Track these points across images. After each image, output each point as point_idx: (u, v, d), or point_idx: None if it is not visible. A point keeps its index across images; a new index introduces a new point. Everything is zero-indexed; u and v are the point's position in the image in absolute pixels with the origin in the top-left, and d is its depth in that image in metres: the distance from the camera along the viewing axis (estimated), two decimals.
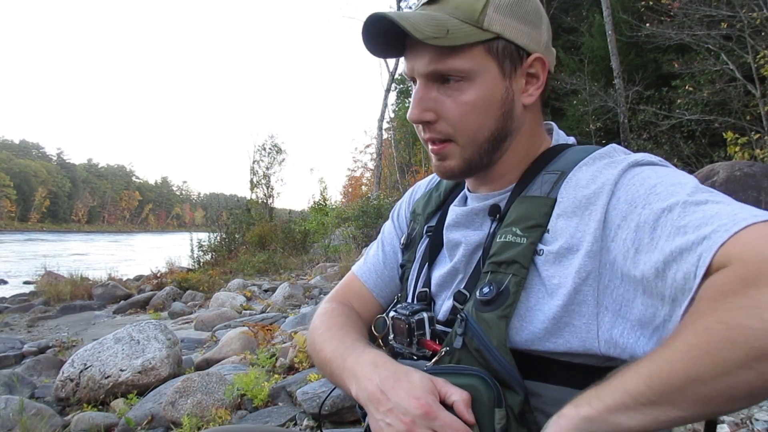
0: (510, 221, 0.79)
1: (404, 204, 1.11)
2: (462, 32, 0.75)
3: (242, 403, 3.03)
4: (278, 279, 10.67)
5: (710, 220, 0.59)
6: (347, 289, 1.08)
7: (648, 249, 0.63)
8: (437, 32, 0.74)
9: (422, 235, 1.00)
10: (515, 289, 0.74)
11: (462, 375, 0.72)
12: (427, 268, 0.95)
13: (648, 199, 0.67)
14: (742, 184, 4.51)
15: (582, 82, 12.50)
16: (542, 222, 0.75)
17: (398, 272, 1.04)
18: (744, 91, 9.76)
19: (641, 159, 0.74)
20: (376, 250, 1.10)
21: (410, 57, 0.80)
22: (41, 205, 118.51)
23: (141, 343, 3.77)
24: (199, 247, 14.62)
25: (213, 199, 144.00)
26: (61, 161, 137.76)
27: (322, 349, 0.91)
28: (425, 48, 0.76)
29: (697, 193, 0.65)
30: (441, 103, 0.79)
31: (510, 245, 0.77)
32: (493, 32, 0.77)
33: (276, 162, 23.67)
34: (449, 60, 0.76)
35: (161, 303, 8.18)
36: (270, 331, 4.73)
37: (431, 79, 0.79)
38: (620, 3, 12.04)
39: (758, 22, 8.83)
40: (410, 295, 0.96)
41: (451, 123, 0.79)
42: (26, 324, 7.31)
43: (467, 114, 0.79)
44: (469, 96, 0.78)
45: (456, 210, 0.91)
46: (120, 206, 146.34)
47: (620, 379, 0.57)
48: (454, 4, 0.77)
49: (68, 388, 3.50)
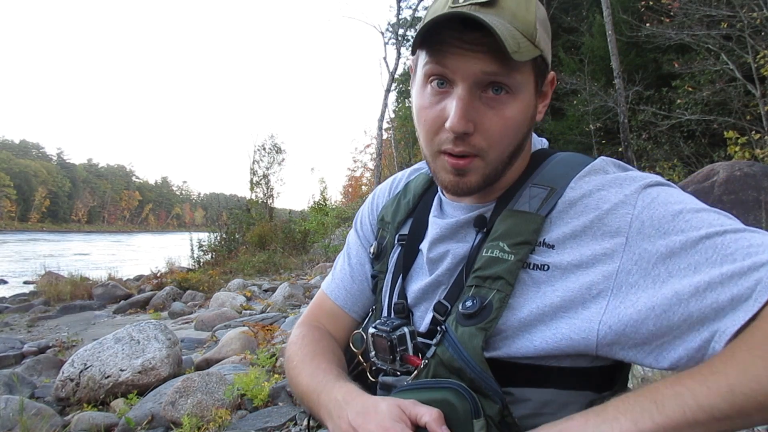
0: (497, 235, 0.78)
1: (366, 211, 1.07)
2: (527, 48, 0.71)
3: (242, 403, 3.03)
4: (278, 279, 10.68)
5: (758, 249, 0.62)
6: (318, 310, 1.06)
7: (685, 274, 0.65)
8: (515, 46, 0.69)
9: (393, 244, 0.96)
10: (499, 305, 0.73)
11: (435, 389, 0.72)
12: (401, 279, 0.92)
13: (677, 225, 0.67)
14: (742, 184, 4.51)
15: (582, 82, 12.51)
16: (530, 239, 0.75)
17: (369, 284, 1.01)
18: (744, 91, 9.76)
19: (651, 180, 0.74)
20: (343, 264, 1.06)
21: (459, 57, 0.72)
22: (41, 205, 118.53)
23: (141, 343, 3.77)
24: (199, 247, 14.63)
25: (213, 199, 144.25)
26: (61, 161, 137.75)
27: (297, 384, 0.90)
28: (483, 55, 0.70)
29: (724, 220, 0.67)
30: (482, 115, 0.73)
31: (496, 261, 0.76)
32: (540, 49, 0.74)
33: (276, 162, 23.69)
34: (509, 72, 0.72)
35: (161, 303, 8.19)
36: (270, 331, 4.73)
37: (478, 86, 0.73)
38: (620, 3, 12.05)
39: (758, 22, 8.83)
40: (385, 308, 0.94)
41: (489, 137, 0.74)
42: (26, 324, 7.31)
43: (507, 129, 0.75)
44: (512, 111, 0.74)
45: (439, 223, 0.87)
46: (120, 206, 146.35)
47: (684, 391, 0.57)
48: (511, 12, 0.72)
49: (68, 388, 3.50)
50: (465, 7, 0.71)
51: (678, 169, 9.88)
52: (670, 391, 0.58)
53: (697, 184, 4.76)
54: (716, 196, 4.54)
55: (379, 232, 1.01)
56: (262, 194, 22.48)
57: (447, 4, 0.73)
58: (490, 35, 0.67)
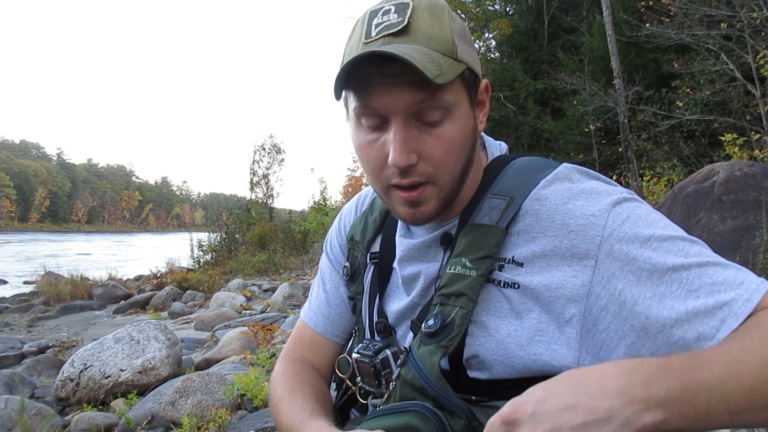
0: (459, 251, 0.77)
1: (334, 233, 1.06)
2: (449, 66, 0.70)
3: (242, 403, 3.03)
4: (278, 279, 10.68)
5: (721, 287, 0.64)
6: (298, 342, 1.04)
7: (650, 304, 0.65)
8: (437, 69, 0.67)
9: (366, 263, 0.95)
10: (461, 321, 0.73)
11: (400, 414, 0.71)
12: (378, 299, 0.91)
13: (644, 253, 0.67)
14: (742, 184, 4.51)
15: (582, 82, 12.52)
16: (491, 253, 0.74)
17: (347, 306, 1.00)
18: (744, 91, 9.76)
19: (620, 196, 0.73)
20: (318, 291, 1.05)
21: (384, 93, 0.70)
22: (41, 205, 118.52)
23: (141, 343, 3.77)
24: (199, 247, 14.63)
25: (213, 199, 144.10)
26: (61, 161, 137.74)
27: (278, 422, 0.90)
28: (408, 85, 0.69)
29: (691, 249, 0.68)
30: (422, 143, 0.72)
31: (459, 277, 0.75)
32: (464, 62, 0.73)
33: (276, 162, 23.70)
34: (437, 95, 0.70)
35: (161, 303, 8.19)
36: (270, 331, 4.73)
37: (411, 116, 0.71)
38: (620, 3, 12.05)
39: (758, 22, 8.83)
40: (367, 329, 0.93)
41: (434, 163, 0.73)
42: (26, 324, 7.31)
43: (450, 151, 0.73)
44: (451, 132, 0.73)
45: (405, 243, 0.86)
46: (120, 206, 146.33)
47: (705, 384, 0.55)
48: (425, 35, 0.70)
49: (68, 388, 3.50)
50: (378, 41, 0.70)
51: (678, 169, 9.88)
52: (686, 376, 0.56)
53: (697, 184, 4.76)
54: (716, 196, 4.54)
55: (349, 252, 0.99)
56: (262, 194, 22.51)
57: (360, 40, 0.72)
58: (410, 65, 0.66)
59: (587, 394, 0.52)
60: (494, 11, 19.00)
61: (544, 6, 16.97)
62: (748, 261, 4.13)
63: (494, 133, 3.45)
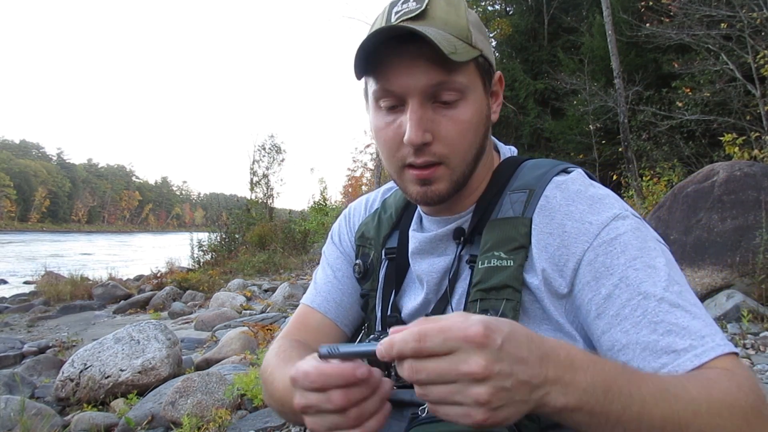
0: (489, 246, 0.77)
1: (344, 228, 1.04)
2: (464, 48, 0.74)
3: (242, 403, 3.03)
4: (278, 279, 10.68)
5: (680, 333, 0.64)
6: (302, 327, 0.97)
7: (610, 321, 0.68)
8: (451, 48, 0.71)
9: (380, 259, 0.94)
10: (512, 314, 0.73)
11: None
12: (393, 293, 0.90)
13: (626, 273, 0.68)
14: (742, 184, 4.51)
15: (582, 82, 12.52)
16: (525, 242, 0.76)
17: (359, 300, 0.97)
18: (744, 91, 9.76)
19: (620, 212, 0.74)
20: (326, 277, 1.00)
21: (403, 74, 0.74)
22: (41, 205, 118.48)
23: (141, 343, 3.77)
24: (199, 247, 14.63)
25: (213, 199, 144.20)
26: (61, 161, 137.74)
27: (273, 392, 0.83)
28: (425, 65, 0.72)
29: (672, 287, 0.68)
30: (437, 123, 0.75)
31: (497, 270, 0.75)
32: (479, 49, 0.77)
33: (276, 162, 23.71)
34: (452, 77, 0.73)
35: (161, 303, 8.19)
36: (270, 331, 4.73)
37: (427, 97, 0.75)
38: (620, 3, 12.05)
39: (758, 22, 8.83)
40: (379, 323, 0.91)
41: (448, 143, 0.76)
42: (26, 324, 7.32)
43: (464, 133, 0.76)
44: (465, 114, 0.76)
45: (417, 237, 0.87)
46: (120, 206, 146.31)
47: (627, 395, 0.55)
48: (441, 20, 0.74)
49: (68, 388, 3.50)
50: (396, 24, 0.74)
51: (678, 169, 9.87)
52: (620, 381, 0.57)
53: (697, 184, 4.76)
54: (716, 196, 4.54)
55: (359, 249, 0.98)
56: (262, 194, 22.55)
57: (381, 25, 0.76)
58: (427, 45, 0.69)
59: (537, 356, 0.51)
60: (494, 11, 19.01)
61: (544, 6, 16.96)
62: (748, 261, 4.13)
63: (494, 133, 3.43)
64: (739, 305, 3.90)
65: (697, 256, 4.35)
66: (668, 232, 4.56)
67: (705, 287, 4.25)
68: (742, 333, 3.66)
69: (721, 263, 4.24)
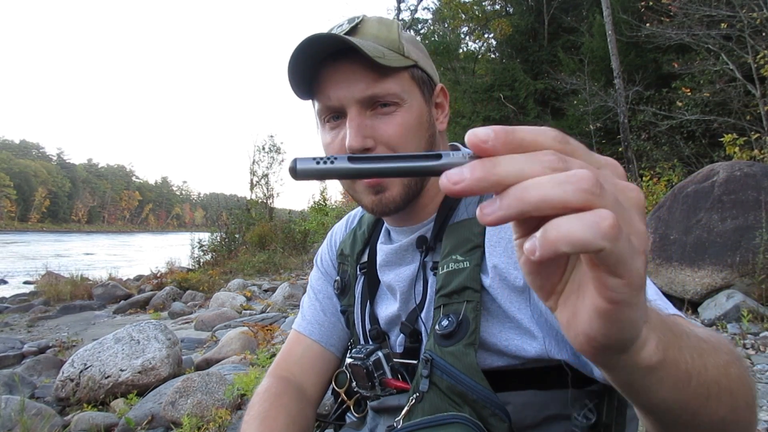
0: (447, 251, 0.79)
1: (326, 248, 1.10)
2: (394, 56, 0.77)
3: (242, 403, 3.03)
4: (278, 279, 10.67)
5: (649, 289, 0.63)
6: (288, 357, 1.02)
7: None
8: (379, 53, 0.74)
9: (356, 275, 0.98)
10: (473, 314, 0.73)
11: (442, 426, 0.69)
12: (369, 306, 0.93)
13: None
14: (742, 184, 4.51)
15: (582, 82, 12.51)
16: (479, 242, 0.76)
17: (340, 318, 1.01)
18: (744, 91, 9.75)
19: None
20: (311, 302, 1.06)
21: (338, 87, 0.77)
22: (41, 205, 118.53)
23: (141, 343, 3.77)
24: (199, 247, 14.63)
25: (213, 199, 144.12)
26: (61, 161, 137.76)
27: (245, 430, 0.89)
28: (358, 75, 0.76)
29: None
30: (377, 129, 0.78)
31: (455, 273, 0.76)
32: (412, 60, 0.80)
33: (276, 162, 23.70)
34: (385, 83, 0.77)
35: (161, 303, 8.19)
36: (270, 331, 4.73)
37: (365, 106, 0.78)
38: (620, 3, 12.04)
39: (758, 22, 8.82)
40: (361, 337, 0.94)
41: (391, 147, 0.77)
42: (26, 324, 7.31)
43: (405, 136, 0.78)
44: (402, 118, 0.78)
45: (384, 249, 0.90)
46: (120, 206, 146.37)
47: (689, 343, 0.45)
48: (372, 34, 0.78)
49: (68, 388, 3.50)
50: (326, 33, 0.77)
51: (678, 169, 9.87)
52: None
53: (697, 184, 4.76)
54: (716, 196, 4.54)
55: (339, 267, 1.03)
56: (262, 194, 22.51)
57: None
58: (360, 57, 0.72)
59: None
60: (494, 11, 19.00)
61: (544, 6, 16.95)
62: (748, 261, 4.13)
63: None
64: (739, 305, 3.89)
65: (697, 256, 4.35)
66: (668, 232, 4.56)
67: (705, 287, 4.24)
68: (742, 333, 3.66)
69: (721, 263, 4.24)
